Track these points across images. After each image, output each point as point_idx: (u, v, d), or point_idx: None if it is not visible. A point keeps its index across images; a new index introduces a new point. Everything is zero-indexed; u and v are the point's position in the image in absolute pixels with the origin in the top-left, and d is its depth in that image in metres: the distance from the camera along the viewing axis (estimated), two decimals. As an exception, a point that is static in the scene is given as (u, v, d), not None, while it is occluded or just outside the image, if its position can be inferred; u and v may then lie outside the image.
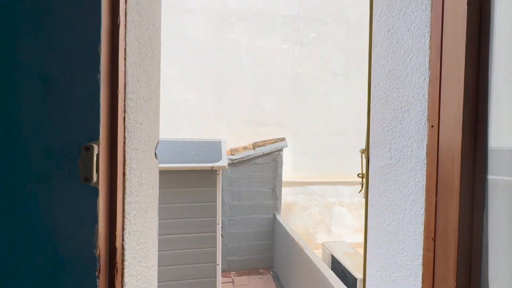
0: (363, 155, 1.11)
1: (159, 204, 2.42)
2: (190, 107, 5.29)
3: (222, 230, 3.34)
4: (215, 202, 2.55)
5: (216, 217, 2.54)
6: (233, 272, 4.09)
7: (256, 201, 4.26)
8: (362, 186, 1.12)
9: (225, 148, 3.04)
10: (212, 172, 2.55)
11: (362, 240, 1.09)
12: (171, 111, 5.11)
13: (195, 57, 5.25)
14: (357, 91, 5.27)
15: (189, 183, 2.56)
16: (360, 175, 1.17)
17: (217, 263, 2.54)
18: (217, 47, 5.29)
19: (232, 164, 4.20)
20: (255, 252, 4.25)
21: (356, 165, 1.25)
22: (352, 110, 5.54)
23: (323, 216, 5.65)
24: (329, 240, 5.55)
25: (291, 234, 3.36)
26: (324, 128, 5.69)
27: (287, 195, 5.44)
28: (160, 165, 2.40)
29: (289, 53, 5.50)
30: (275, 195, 4.33)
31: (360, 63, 5.52)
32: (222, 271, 4.09)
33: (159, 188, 2.59)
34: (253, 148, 4.28)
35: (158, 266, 1.00)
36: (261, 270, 4.18)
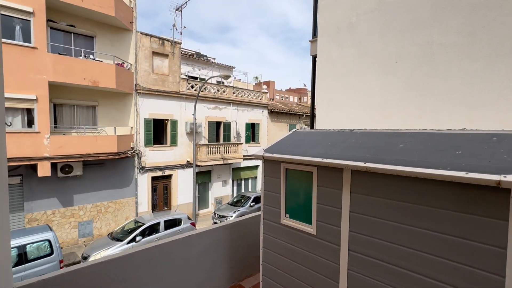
0: None
1: (390, 220, 1.71)
2: (469, 84, 3.64)
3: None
4: (504, 248, 1.37)
5: (504, 276, 1.36)
6: None
7: None
8: None
9: (540, 147, 1.58)
10: (500, 192, 1.39)
11: None
12: (435, 93, 3.83)
13: (481, 8, 3.49)
14: None
15: (444, 201, 1.59)
16: None
17: None
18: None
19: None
20: None
21: None
22: None
23: None
24: None
25: None
26: None
27: None
28: (390, 167, 1.69)
29: None
30: None
31: None
32: None
33: (389, 199, 1.80)
34: None
35: None
36: None
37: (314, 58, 5.50)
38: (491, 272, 1.44)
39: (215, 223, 13.42)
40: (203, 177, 17.16)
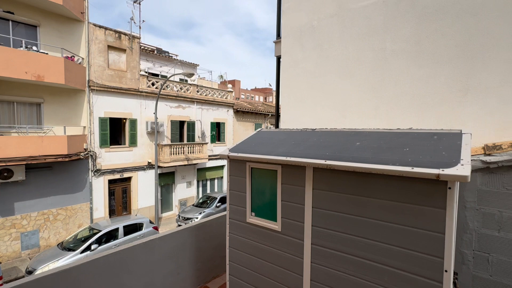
0: None
1: (348, 214, 1.85)
2: (417, 88, 4.06)
3: (456, 278, 2.15)
4: (443, 233, 1.58)
5: (443, 258, 1.57)
6: None
7: (541, 240, 2.44)
8: None
9: (469, 144, 1.85)
10: (438, 184, 1.59)
11: None
12: (388, 95, 4.21)
13: (427, 19, 3.91)
14: None
15: (394, 194, 1.78)
16: None
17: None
18: (465, -7, 3.58)
19: (487, 169, 2.68)
20: (532, 324, 2.47)
21: None
22: None
23: None
24: None
25: None
26: None
27: None
28: (348, 163, 1.84)
29: None
30: None
31: None
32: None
33: (347, 193, 1.95)
34: (538, 146, 2.45)
35: None
36: None
37: (278, 58, 5.66)
38: (433, 255, 1.64)
39: (179, 225, 13.05)
40: (166, 179, 16.56)
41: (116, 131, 14.75)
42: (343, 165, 1.96)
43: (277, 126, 5.72)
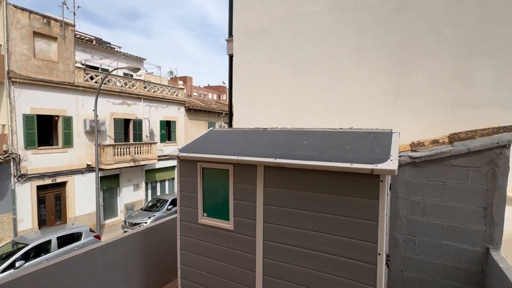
0: None
1: (296, 209, 1.97)
2: (358, 91, 4.48)
3: (388, 260, 2.47)
4: (376, 221, 1.80)
5: (376, 243, 1.79)
6: (409, 313, 3.05)
7: (453, 222, 2.93)
8: None
9: (397, 142, 2.13)
10: (373, 178, 1.80)
11: None
12: (334, 97, 4.57)
13: (366, 29, 4.34)
14: None
15: (337, 188, 1.96)
16: None
17: (377, 308, 1.80)
18: (397, 7, 4.07)
19: (413, 164, 3.10)
20: (448, 294, 2.95)
21: None
22: None
23: None
24: None
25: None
26: None
27: (515, 219, 3.44)
28: (296, 161, 1.96)
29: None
30: (490, 217, 2.79)
31: None
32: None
33: (295, 190, 2.06)
34: (450, 142, 2.93)
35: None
36: (458, 327, 2.84)
37: (231, 57, 5.68)
38: (368, 240, 1.86)
39: (125, 232, 12.18)
40: (110, 182, 15.29)
41: (46, 130, 13.07)
42: (292, 163, 2.08)
43: (230, 125, 5.75)
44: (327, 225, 2.03)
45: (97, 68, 17.07)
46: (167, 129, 18.89)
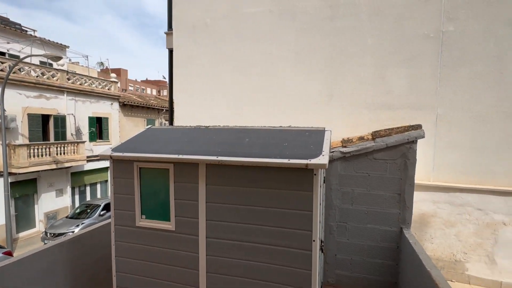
0: None
1: (238, 204, 2.04)
2: (297, 91, 4.80)
3: (323, 245, 2.75)
4: (311, 211, 1.99)
5: (311, 231, 1.98)
6: (341, 292, 3.43)
7: (375, 208, 3.39)
8: None
9: (329, 139, 2.39)
10: (307, 172, 1.99)
11: None
12: (275, 96, 4.81)
13: (304, 33, 4.67)
14: None
15: (276, 183, 2.11)
16: None
17: (312, 290, 2.00)
18: (330, 15, 4.49)
19: (344, 158, 3.47)
20: (372, 271, 3.42)
21: None
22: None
23: (482, 239, 4.05)
24: (491, 275, 3.98)
25: (424, 262, 2.36)
26: (490, 109, 3.95)
27: (421, 203, 4.17)
28: (238, 159, 2.04)
29: (432, 4, 4.02)
30: (403, 202, 3.30)
31: None
32: (329, 285, 3.51)
33: (237, 186, 2.13)
34: (373, 139, 3.37)
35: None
36: (379, 298, 3.32)
37: (171, 51, 5.47)
38: (304, 229, 2.05)
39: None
40: (24, 188, 13.19)
41: None
42: (234, 160, 2.15)
43: (171, 122, 5.55)
44: (267, 218, 2.16)
45: (3, 54, 14.48)
46: (98, 127, 17.13)
